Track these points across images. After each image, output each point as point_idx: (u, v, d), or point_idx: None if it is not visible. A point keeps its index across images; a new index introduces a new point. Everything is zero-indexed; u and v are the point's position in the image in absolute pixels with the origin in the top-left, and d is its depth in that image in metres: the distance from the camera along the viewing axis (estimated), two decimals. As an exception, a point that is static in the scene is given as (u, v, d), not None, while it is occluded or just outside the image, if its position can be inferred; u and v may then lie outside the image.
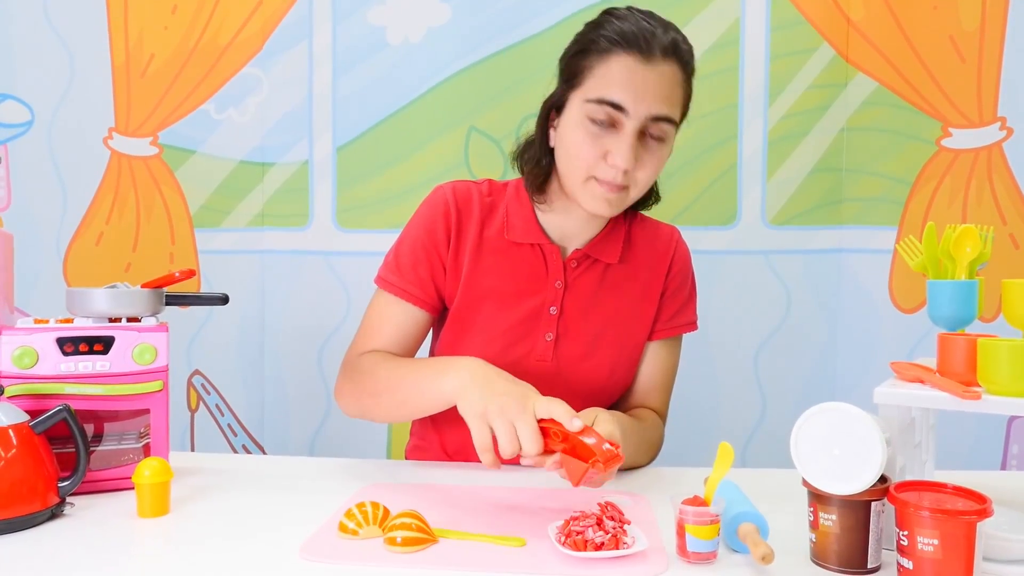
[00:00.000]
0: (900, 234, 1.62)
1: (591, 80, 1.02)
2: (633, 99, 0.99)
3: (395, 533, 0.78)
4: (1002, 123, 1.58)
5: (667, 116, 1.02)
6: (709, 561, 0.75)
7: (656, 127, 1.02)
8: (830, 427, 0.73)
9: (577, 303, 1.13)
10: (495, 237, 1.13)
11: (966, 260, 0.88)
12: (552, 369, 1.12)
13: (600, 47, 1.02)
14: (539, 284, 1.13)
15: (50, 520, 0.88)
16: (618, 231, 1.17)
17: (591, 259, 1.14)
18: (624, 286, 1.16)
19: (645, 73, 1.00)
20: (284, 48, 1.75)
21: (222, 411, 1.82)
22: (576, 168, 1.05)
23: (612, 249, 1.15)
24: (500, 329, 1.12)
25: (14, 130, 1.82)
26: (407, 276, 1.12)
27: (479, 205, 1.14)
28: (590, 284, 1.14)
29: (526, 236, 1.13)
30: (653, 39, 1.00)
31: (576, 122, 1.04)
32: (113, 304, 1.01)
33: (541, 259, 1.13)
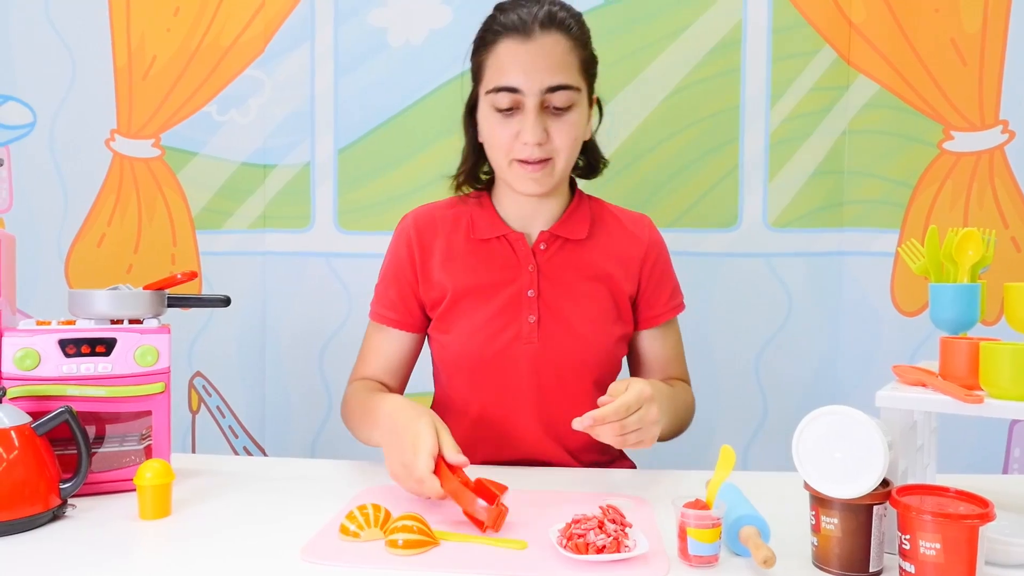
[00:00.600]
0: (902, 237, 1.62)
1: (487, 73, 1.11)
2: (524, 78, 1.06)
3: (396, 535, 0.78)
4: (1004, 126, 1.58)
5: (562, 84, 1.07)
6: (711, 564, 0.75)
7: (557, 97, 1.07)
8: (832, 430, 0.73)
9: (553, 282, 1.17)
10: (463, 241, 1.20)
11: (968, 263, 0.88)
12: (539, 350, 1.15)
13: (487, 41, 1.11)
14: (513, 272, 1.17)
15: (52, 522, 0.88)
16: (582, 210, 1.21)
17: (559, 239, 1.19)
18: (598, 261, 1.19)
19: (528, 51, 1.07)
20: (286, 50, 1.75)
21: (223, 413, 1.82)
22: (497, 155, 1.13)
23: (579, 227, 1.19)
24: (483, 320, 1.16)
25: (16, 132, 1.82)
26: (385, 304, 1.22)
27: (441, 220, 1.22)
28: (562, 262, 1.18)
29: (490, 231, 1.19)
30: (529, 18, 1.07)
31: (486, 114, 1.12)
32: (115, 306, 1.01)
33: (509, 248, 1.18)
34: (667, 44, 1.65)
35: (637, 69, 1.66)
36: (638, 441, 0.95)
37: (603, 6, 1.66)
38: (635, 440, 0.94)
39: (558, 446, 1.19)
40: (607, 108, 1.65)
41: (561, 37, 1.08)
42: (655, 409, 0.96)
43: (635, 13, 1.65)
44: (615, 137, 1.68)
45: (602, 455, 1.23)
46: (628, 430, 0.93)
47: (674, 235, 1.67)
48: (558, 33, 1.08)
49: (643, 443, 0.95)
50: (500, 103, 1.08)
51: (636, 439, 0.94)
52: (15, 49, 1.80)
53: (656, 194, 1.68)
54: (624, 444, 0.94)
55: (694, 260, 1.67)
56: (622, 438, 0.93)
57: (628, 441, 0.94)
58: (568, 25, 1.09)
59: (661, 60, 1.66)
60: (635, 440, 0.94)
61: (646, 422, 0.94)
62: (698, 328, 1.67)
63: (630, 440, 0.94)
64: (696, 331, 1.67)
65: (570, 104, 1.09)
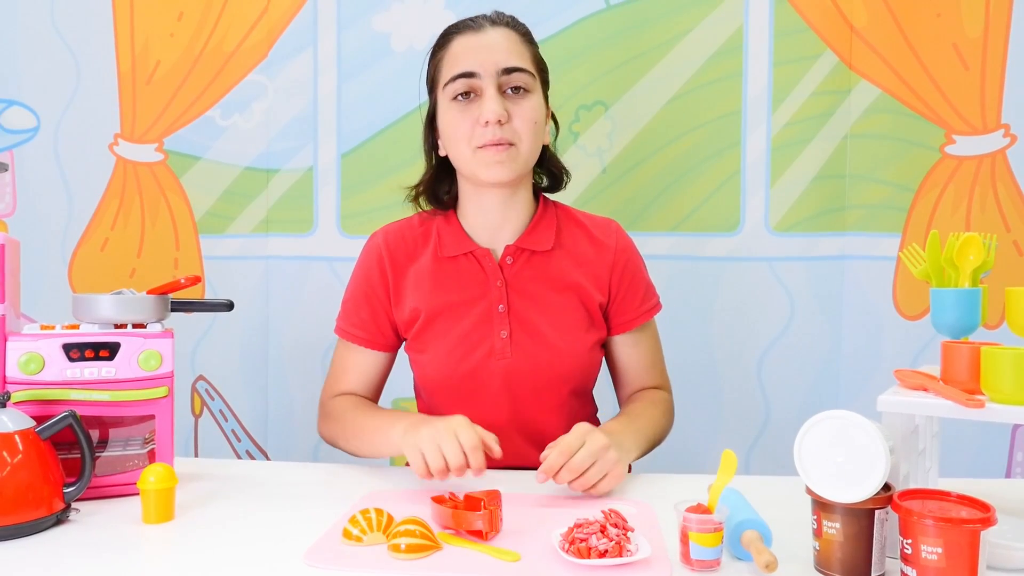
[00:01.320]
0: (903, 241, 1.62)
1: (444, 68, 1.15)
2: (479, 61, 1.10)
3: (399, 540, 0.78)
4: (1006, 130, 1.58)
5: (517, 66, 1.11)
6: (713, 569, 0.75)
7: (513, 79, 1.11)
8: (834, 435, 0.73)
9: (522, 296, 1.17)
10: (432, 259, 1.20)
11: (969, 268, 0.88)
12: (513, 364, 1.16)
13: (440, 44, 1.17)
14: (482, 288, 1.18)
15: (55, 526, 0.89)
16: (547, 220, 1.21)
17: (525, 251, 1.19)
18: (567, 270, 1.19)
19: (480, 39, 1.12)
20: (289, 55, 1.76)
21: (226, 417, 1.82)
22: (461, 145, 1.13)
23: (544, 238, 1.19)
24: (457, 339, 1.17)
25: (20, 136, 1.82)
26: (355, 322, 1.23)
27: (411, 239, 1.23)
28: (530, 275, 1.18)
29: (457, 248, 1.19)
30: (479, 17, 1.15)
31: (445, 108, 1.14)
32: (119, 310, 1.01)
33: (477, 265, 1.19)
34: (669, 49, 1.66)
35: (639, 74, 1.67)
36: (602, 476, 0.95)
37: (604, 11, 1.66)
38: (597, 476, 0.95)
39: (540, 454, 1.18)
40: (609, 113, 1.68)
41: (510, 31, 1.14)
42: (600, 437, 0.97)
43: (636, 18, 1.66)
44: (616, 142, 1.68)
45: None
46: (582, 468, 0.94)
47: (676, 239, 1.68)
48: (507, 28, 1.14)
49: (609, 477, 0.96)
50: (458, 89, 1.11)
51: (597, 474, 0.95)
52: (20, 54, 1.81)
53: (658, 198, 1.68)
54: (586, 484, 0.95)
55: (696, 264, 1.67)
56: (583, 479, 0.94)
57: (590, 480, 0.94)
58: (516, 25, 1.16)
59: (663, 65, 1.66)
60: (597, 476, 0.95)
61: (598, 454, 0.95)
62: (700, 332, 1.68)
63: (591, 478, 0.94)
64: (698, 335, 1.68)
65: (526, 87, 1.12)
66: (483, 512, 0.83)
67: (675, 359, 1.67)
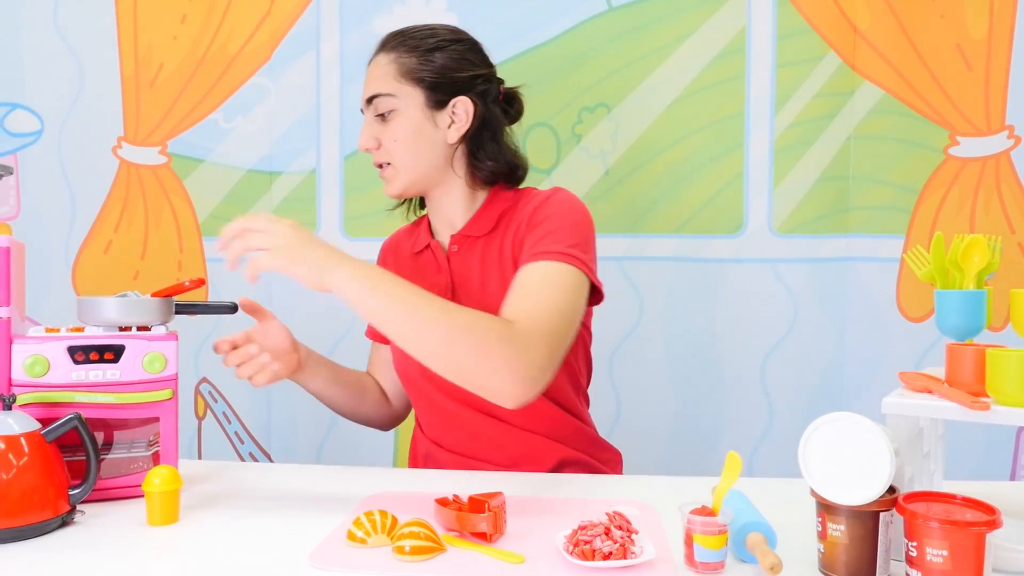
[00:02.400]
0: (907, 243, 1.61)
1: None
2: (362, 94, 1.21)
3: (403, 542, 0.78)
4: (1010, 131, 1.58)
5: (375, 94, 1.19)
6: (717, 571, 0.75)
7: (377, 106, 1.19)
8: (838, 437, 0.73)
9: (465, 280, 1.22)
10: (408, 257, 1.31)
11: (974, 270, 0.88)
12: None
13: None
14: (434, 279, 1.24)
15: (61, 528, 0.89)
16: (493, 206, 1.24)
17: (468, 238, 1.23)
18: (504, 246, 1.20)
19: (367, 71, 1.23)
20: (292, 57, 1.76)
21: (229, 419, 1.82)
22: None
23: (483, 223, 1.23)
24: None
25: (24, 139, 1.83)
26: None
27: (403, 243, 1.34)
28: (472, 260, 1.22)
29: (420, 243, 1.29)
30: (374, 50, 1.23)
31: None
32: (123, 313, 1.01)
33: (432, 257, 1.26)
34: (671, 51, 1.66)
35: (641, 75, 1.67)
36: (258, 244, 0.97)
37: (607, 12, 1.66)
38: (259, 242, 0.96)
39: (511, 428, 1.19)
40: (612, 115, 1.67)
41: (382, 56, 1.20)
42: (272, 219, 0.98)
43: (639, 20, 1.66)
44: (619, 144, 1.68)
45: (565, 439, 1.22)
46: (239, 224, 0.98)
47: (679, 241, 1.68)
48: (380, 54, 1.21)
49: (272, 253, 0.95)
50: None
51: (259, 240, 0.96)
52: (23, 57, 1.81)
53: (661, 200, 1.68)
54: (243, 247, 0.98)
55: (699, 266, 1.67)
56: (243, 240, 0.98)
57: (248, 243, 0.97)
58: (390, 47, 1.20)
59: (665, 67, 1.66)
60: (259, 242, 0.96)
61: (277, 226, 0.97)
62: (703, 334, 1.68)
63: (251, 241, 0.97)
64: (701, 337, 1.68)
65: (390, 109, 1.18)
66: (487, 514, 0.83)
67: (678, 360, 1.68)
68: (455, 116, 1.19)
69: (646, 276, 1.68)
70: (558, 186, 1.23)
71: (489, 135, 1.22)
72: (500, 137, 1.24)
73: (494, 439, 1.19)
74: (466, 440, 1.22)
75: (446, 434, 1.24)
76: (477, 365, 0.96)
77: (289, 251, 0.94)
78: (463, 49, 1.22)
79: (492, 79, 1.25)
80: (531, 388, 0.97)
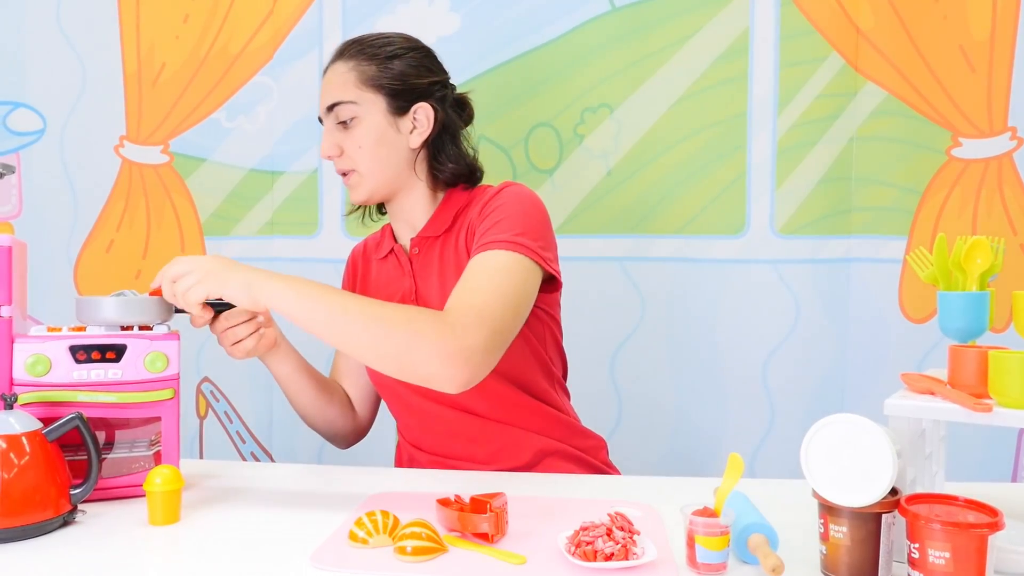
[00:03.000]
0: (910, 244, 1.61)
1: None
2: (320, 104, 1.22)
3: (405, 542, 0.78)
4: (1012, 133, 1.58)
5: (335, 101, 1.19)
6: (719, 572, 0.75)
7: (338, 114, 1.19)
8: (841, 438, 0.73)
9: (426, 280, 1.23)
10: (375, 262, 1.32)
11: (977, 272, 0.88)
12: None
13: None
14: (398, 282, 1.26)
15: (62, 527, 0.89)
16: (450, 205, 1.25)
17: (427, 239, 1.25)
18: (460, 243, 1.22)
19: (325, 79, 1.23)
20: (294, 57, 1.76)
21: (231, 418, 1.82)
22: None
23: (439, 223, 1.24)
24: None
25: (26, 138, 1.83)
26: None
27: (369, 250, 1.35)
28: (432, 259, 1.24)
29: (385, 248, 1.30)
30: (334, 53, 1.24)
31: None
32: (121, 312, 1.01)
33: (396, 261, 1.28)
34: (674, 51, 1.66)
35: (644, 76, 1.67)
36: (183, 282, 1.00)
37: (609, 13, 1.66)
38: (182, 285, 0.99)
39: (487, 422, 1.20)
40: (614, 115, 1.67)
41: (340, 64, 1.21)
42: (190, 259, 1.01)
43: (642, 20, 1.66)
44: (622, 144, 1.68)
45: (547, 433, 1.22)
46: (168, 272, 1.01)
47: (681, 242, 1.68)
48: (338, 61, 1.22)
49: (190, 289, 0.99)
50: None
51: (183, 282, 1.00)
52: (26, 56, 1.81)
53: (663, 200, 1.68)
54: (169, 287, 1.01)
55: (701, 267, 1.67)
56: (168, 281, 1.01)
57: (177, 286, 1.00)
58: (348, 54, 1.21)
59: (668, 67, 1.66)
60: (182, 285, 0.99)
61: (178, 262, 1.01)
62: (705, 335, 1.67)
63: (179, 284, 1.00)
64: (703, 338, 1.68)
65: (351, 116, 1.18)
66: (489, 515, 0.83)
67: (679, 361, 1.68)
68: (416, 121, 1.21)
69: (648, 276, 1.68)
70: (510, 181, 1.25)
71: (449, 138, 1.25)
72: (459, 140, 1.27)
73: (471, 435, 1.20)
74: (445, 440, 1.22)
75: (424, 435, 1.25)
76: (410, 353, 0.96)
77: (216, 275, 0.99)
78: (420, 56, 1.24)
79: (448, 85, 1.27)
80: (470, 370, 0.97)
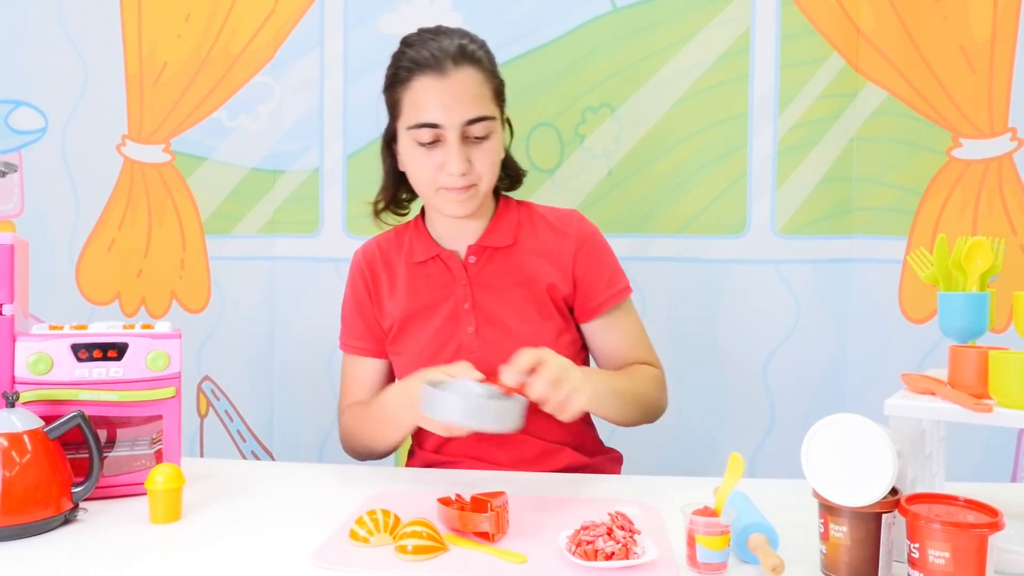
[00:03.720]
0: (910, 244, 1.61)
1: (405, 109, 1.15)
2: (444, 114, 1.11)
3: (406, 541, 0.79)
4: (1013, 133, 1.58)
5: (480, 116, 1.12)
6: (719, 572, 0.75)
7: (476, 128, 1.13)
8: (841, 438, 0.73)
9: (486, 290, 1.21)
10: (405, 266, 1.26)
11: (977, 272, 0.88)
12: (481, 357, 1.15)
13: (401, 78, 1.15)
14: (448, 289, 1.22)
15: (64, 525, 0.89)
16: (508, 217, 1.25)
17: (487, 249, 1.23)
18: (528, 262, 1.22)
19: (445, 87, 1.11)
20: (296, 56, 1.76)
21: (231, 417, 1.83)
22: (423, 186, 1.18)
23: (504, 234, 1.23)
24: (428, 338, 1.21)
25: (28, 137, 1.83)
26: (354, 335, 1.29)
27: (385, 251, 1.29)
28: (494, 271, 1.22)
29: (425, 252, 1.24)
30: (441, 54, 1.12)
31: (408, 148, 1.17)
32: (480, 417, 0.92)
33: (444, 267, 1.24)
34: (675, 51, 1.66)
35: (645, 76, 1.67)
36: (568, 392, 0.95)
37: (611, 13, 1.66)
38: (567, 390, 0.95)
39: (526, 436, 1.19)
40: (616, 115, 1.68)
41: (473, 71, 1.13)
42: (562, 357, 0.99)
43: (643, 20, 1.66)
44: (623, 144, 1.68)
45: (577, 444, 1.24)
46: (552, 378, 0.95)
47: (682, 241, 1.68)
48: (470, 67, 1.13)
49: (577, 396, 0.96)
50: (422, 138, 1.13)
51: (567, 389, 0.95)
52: (28, 55, 1.81)
53: (664, 200, 1.68)
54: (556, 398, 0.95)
55: (702, 267, 1.67)
56: (555, 391, 0.95)
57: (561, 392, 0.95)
58: (478, 58, 1.15)
59: (669, 67, 1.66)
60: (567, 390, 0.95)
61: (567, 369, 0.97)
62: (705, 335, 1.68)
63: (562, 391, 0.95)
64: (703, 337, 1.68)
65: (487, 133, 1.14)
66: (489, 514, 0.83)
67: (680, 361, 1.67)
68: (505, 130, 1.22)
69: (649, 276, 1.67)
70: (574, 211, 1.28)
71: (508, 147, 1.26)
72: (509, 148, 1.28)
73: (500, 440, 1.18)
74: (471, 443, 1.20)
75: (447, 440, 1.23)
76: (657, 411, 1.24)
77: (592, 393, 1.01)
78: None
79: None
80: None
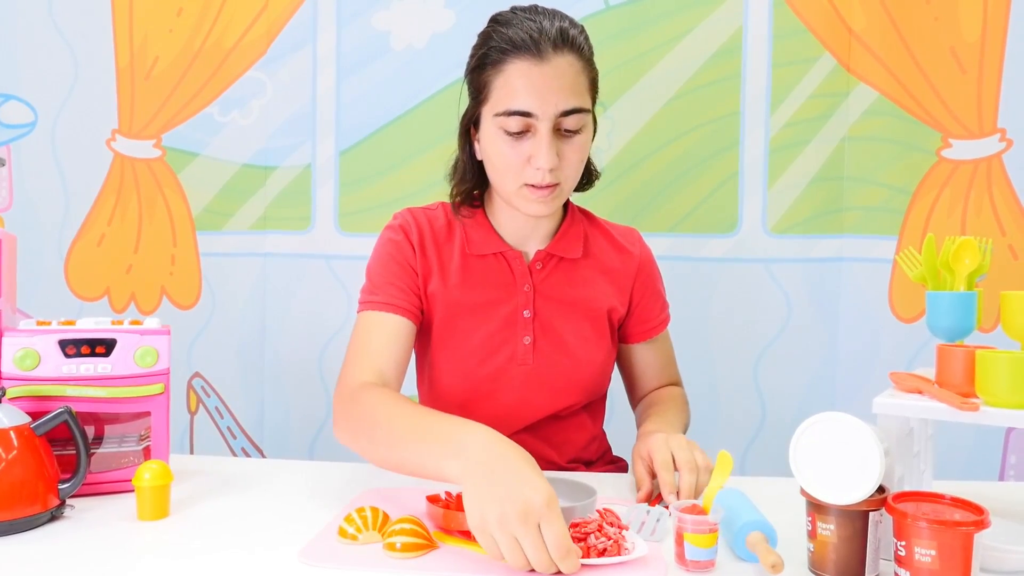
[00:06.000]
0: (900, 243, 1.62)
1: (495, 93, 1.03)
2: (539, 102, 1.00)
3: (394, 538, 0.78)
4: (1002, 134, 1.59)
5: (576, 108, 1.02)
6: (707, 570, 0.75)
7: (569, 120, 1.02)
8: (829, 437, 0.73)
9: (548, 303, 1.15)
10: (459, 255, 1.14)
11: (965, 272, 0.88)
12: (533, 370, 1.14)
13: (493, 59, 1.03)
14: (509, 291, 1.14)
15: (50, 522, 0.89)
16: (577, 227, 1.19)
17: (555, 257, 1.16)
18: (592, 280, 1.18)
19: (542, 73, 1.00)
20: (288, 52, 1.76)
21: (221, 414, 1.82)
22: (505, 178, 1.06)
23: (574, 245, 1.17)
24: (479, 341, 1.13)
25: (17, 131, 1.82)
26: (387, 291, 1.11)
27: (435, 229, 1.16)
28: (558, 282, 1.16)
29: (487, 247, 1.14)
30: (541, 37, 1.00)
31: (492, 136, 1.05)
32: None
33: (506, 266, 1.15)
34: (667, 50, 1.66)
35: (637, 75, 1.67)
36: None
37: (603, 11, 1.66)
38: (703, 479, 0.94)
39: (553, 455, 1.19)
40: (608, 113, 1.68)
41: (574, 58, 1.02)
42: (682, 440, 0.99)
43: (636, 19, 1.66)
44: (615, 142, 1.68)
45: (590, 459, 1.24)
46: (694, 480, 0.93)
47: (673, 240, 1.68)
48: (571, 54, 1.02)
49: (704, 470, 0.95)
50: (511, 127, 1.02)
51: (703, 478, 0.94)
52: (18, 48, 1.80)
53: (656, 199, 1.68)
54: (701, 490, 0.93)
55: (693, 265, 1.67)
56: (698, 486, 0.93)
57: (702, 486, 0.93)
58: (579, 44, 1.03)
59: (661, 66, 1.66)
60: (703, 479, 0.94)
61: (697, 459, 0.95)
62: (697, 333, 1.68)
63: (702, 484, 0.93)
64: (695, 336, 1.68)
65: (580, 127, 1.04)
66: None
67: (671, 360, 1.68)
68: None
69: (640, 275, 1.68)
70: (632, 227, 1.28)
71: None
72: None
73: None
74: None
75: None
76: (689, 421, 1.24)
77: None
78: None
79: None
80: None
